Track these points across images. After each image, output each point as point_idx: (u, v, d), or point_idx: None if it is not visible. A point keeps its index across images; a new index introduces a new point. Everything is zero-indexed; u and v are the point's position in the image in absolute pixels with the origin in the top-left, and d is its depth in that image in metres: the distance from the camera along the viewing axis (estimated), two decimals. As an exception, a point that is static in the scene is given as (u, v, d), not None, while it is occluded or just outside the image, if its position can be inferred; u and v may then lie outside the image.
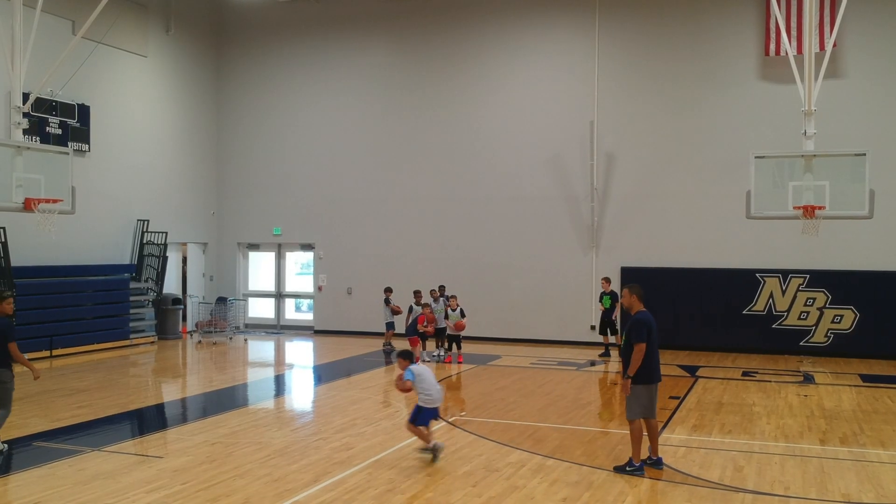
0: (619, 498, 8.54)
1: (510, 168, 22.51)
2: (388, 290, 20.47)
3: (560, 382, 16.06)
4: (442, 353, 18.81)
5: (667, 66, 21.22)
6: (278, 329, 25.26)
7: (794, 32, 15.87)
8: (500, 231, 22.61)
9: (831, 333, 19.73)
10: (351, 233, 24.26)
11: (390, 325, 20.35)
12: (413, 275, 23.01)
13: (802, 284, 19.96)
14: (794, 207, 14.31)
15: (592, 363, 18.56)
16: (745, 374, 17.09)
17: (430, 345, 19.09)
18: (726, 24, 20.76)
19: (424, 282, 21.75)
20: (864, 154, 14.20)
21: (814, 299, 19.89)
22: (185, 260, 25.29)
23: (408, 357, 10.28)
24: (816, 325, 19.84)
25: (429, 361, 17.68)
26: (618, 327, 19.37)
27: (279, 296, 25.75)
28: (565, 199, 22.02)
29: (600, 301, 19.77)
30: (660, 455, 9.56)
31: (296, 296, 25.83)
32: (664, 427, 11.70)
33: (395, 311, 20.07)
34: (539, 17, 22.44)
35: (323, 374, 17.37)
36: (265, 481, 8.98)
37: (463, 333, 18.78)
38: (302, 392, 15.23)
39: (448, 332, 18.81)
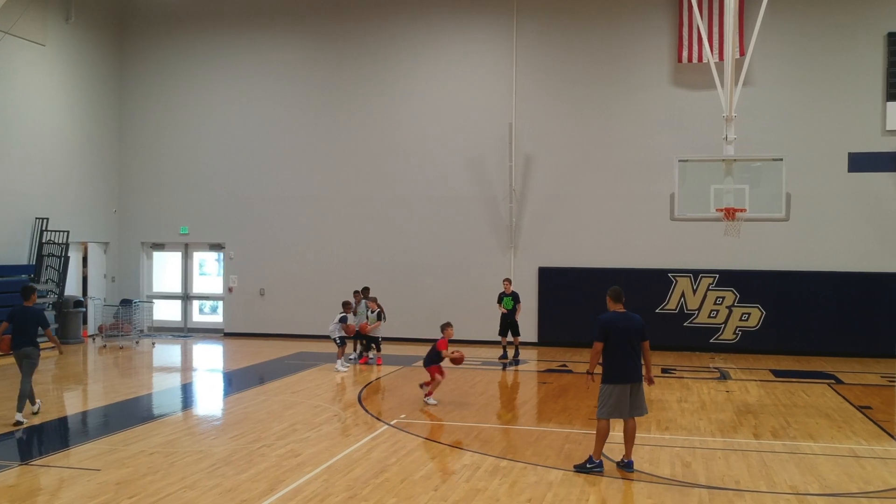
0: (582, 497, 8.59)
1: (429, 168, 22.44)
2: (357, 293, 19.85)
3: (491, 382, 16.12)
4: (355, 355, 18.52)
5: (583, 71, 21.63)
6: (185, 332, 24.37)
7: (706, 40, 16.39)
8: (418, 231, 22.52)
9: (739, 331, 20.57)
10: (264, 232, 23.65)
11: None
12: (329, 275, 22.74)
13: (712, 284, 20.73)
14: (717, 210, 14.80)
15: (505, 366, 18.46)
16: (664, 370, 17.58)
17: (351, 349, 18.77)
18: (641, 31, 21.34)
19: (341, 282, 21.56)
20: (782, 159, 14.87)
21: (723, 298, 20.69)
22: (85, 260, 24.06)
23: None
24: (725, 322, 20.65)
25: (346, 369, 17.34)
26: (520, 329, 19.52)
27: (186, 297, 24.84)
28: (484, 200, 22.13)
29: (500, 303, 19.24)
30: (632, 458, 9.63)
31: (204, 297, 24.97)
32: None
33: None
34: (458, 19, 22.49)
35: (247, 378, 16.82)
36: (217, 492, 8.59)
37: (381, 334, 18.55)
38: (230, 398, 14.67)
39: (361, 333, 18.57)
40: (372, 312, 18.47)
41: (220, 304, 24.44)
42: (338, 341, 17.55)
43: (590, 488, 8.90)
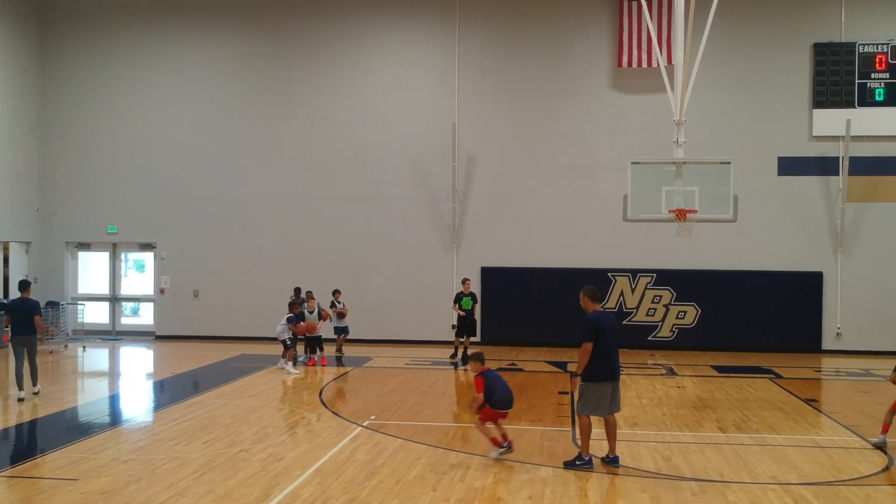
0: (580, 493, 8.72)
1: (372, 168, 22.29)
2: (336, 293, 19.50)
3: (448, 382, 16.16)
4: (304, 357, 18.26)
5: (525, 73, 21.90)
6: (114, 335, 23.47)
7: (656, 45, 16.89)
8: (361, 231, 22.34)
9: (676, 328, 21.23)
10: (198, 231, 23.00)
11: (340, 331, 19.42)
12: (268, 276, 22.34)
13: (650, 283, 21.31)
14: (669, 211, 15.21)
15: (456, 365, 18.43)
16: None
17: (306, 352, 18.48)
18: (581, 36, 21.74)
19: (280, 283, 21.24)
20: (729, 162, 15.34)
21: (660, 297, 21.31)
22: (6, 260, 22.87)
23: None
24: (663, 320, 21.27)
25: (297, 371, 17.06)
26: (477, 329, 19.65)
27: (114, 299, 23.93)
28: (427, 200, 22.13)
29: (458, 303, 18.92)
30: (617, 454, 9.80)
31: (134, 299, 24.11)
32: (574, 423, 12.07)
33: (338, 315, 19.27)
34: (400, 18, 22.43)
35: (197, 381, 16.30)
36: (211, 499, 8.34)
37: (323, 335, 18.32)
38: (187, 402, 14.15)
39: (309, 334, 18.33)
40: (311, 312, 18.26)
41: (141, 305, 23.69)
42: (287, 343, 17.26)
43: (584, 484, 9.04)
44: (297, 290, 19.48)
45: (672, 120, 15.89)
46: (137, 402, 14.63)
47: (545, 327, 21.25)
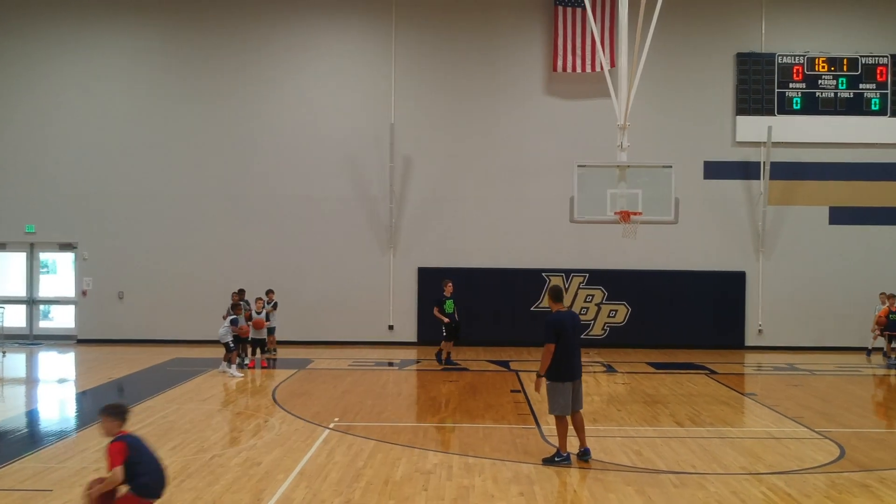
0: (568, 489, 8.92)
1: (306, 167, 22.02)
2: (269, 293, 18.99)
3: (399, 382, 16.15)
4: (246, 359, 17.93)
5: (462, 76, 22.07)
6: (31, 339, 22.38)
7: (601, 49, 17.32)
8: (294, 231, 22.04)
9: (608, 327, 21.83)
10: (123, 231, 22.18)
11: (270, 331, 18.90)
12: (198, 277, 21.82)
13: (583, 283, 21.84)
14: (615, 213, 15.64)
15: (448, 364, 18.07)
16: (552, 366, 18.32)
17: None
18: (517, 40, 22.07)
19: (211, 284, 20.84)
20: (671, 166, 15.90)
21: (592, 296, 21.86)
22: (-88, 262, 21.54)
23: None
24: (595, 319, 21.83)
25: (241, 374, 16.73)
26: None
27: (32, 302, 22.83)
28: (363, 200, 22.03)
29: (441, 307, 17.92)
30: (587, 446, 10.04)
31: (53, 301, 23.05)
32: (537, 421, 12.33)
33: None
34: (335, 16, 22.25)
35: (140, 386, 15.64)
36: (201, 506, 8.15)
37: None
38: (138, 407, 13.47)
39: (252, 336, 18.03)
40: (258, 313, 17.97)
41: (54, 308, 22.78)
42: (230, 345, 16.90)
43: (570, 480, 9.24)
44: (242, 292, 19.02)
45: (608, 124, 16.45)
46: (83, 409, 14.02)
47: (482, 327, 21.45)
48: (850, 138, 21.54)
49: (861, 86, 21.48)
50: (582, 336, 21.28)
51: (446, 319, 17.89)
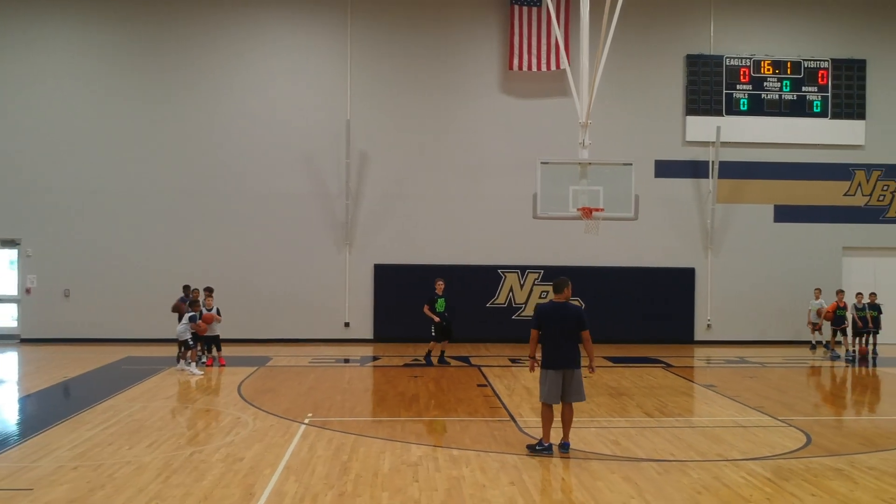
0: (555, 478, 9.04)
1: (261, 163, 21.78)
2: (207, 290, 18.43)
3: (363, 378, 16.10)
4: (203, 357, 17.62)
5: (418, 73, 22.11)
6: (-31, 339, 21.58)
7: (563, 49, 17.50)
8: (249, 228, 21.77)
9: (562, 322, 22.07)
10: (69, 227, 21.59)
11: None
12: (148, 275, 21.34)
13: (538, 279, 22.10)
14: (578, 209, 15.89)
15: (441, 364, 17.76)
16: (512, 360, 18.53)
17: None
18: (473, 38, 22.22)
19: (161, 282, 20.42)
20: (631, 164, 16.24)
21: (547, 292, 22.06)
22: None
23: None
24: (550, 315, 22.05)
25: (201, 372, 16.42)
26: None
27: (-29, 300, 22.01)
28: (319, 197, 21.87)
29: (432, 305, 17.46)
30: (568, 441, 10.15)
31: (-6, 300, 22.26)
32: (510, 413, 12.47)
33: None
34: (290, 12, 22.04)
35: (98, 385, 15.20)
36: (193, 501, 8.00)
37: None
38: (101, 406, 13.04)
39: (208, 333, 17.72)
40: (209, 310, 17.68)
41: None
42: (189, 342, 16.60)
43: (556, 469, 9.35)
44: (186, 288, 18.60)
45: (563, 122, 16.83)
46: (46, 408, 13.53)
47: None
48: (793, 139, 22.32)
49: (804, 88, 22.27)
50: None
51: (437, 318, 17.44)
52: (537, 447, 10.03)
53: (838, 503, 8.11)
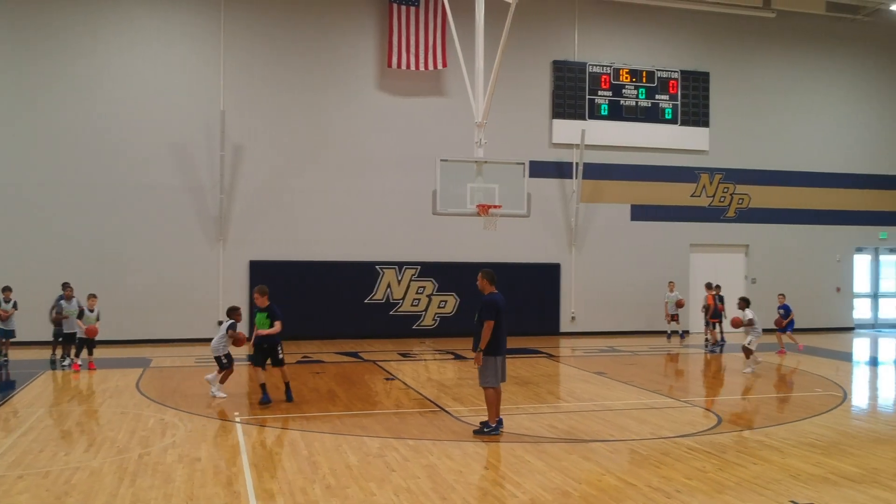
0: (521, 461, 9.36)
1: (128, 153, 20.62)
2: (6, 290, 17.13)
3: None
4: (69, 361, 16.50)
5: (295, 67, 21.76)
6: None
7: (458, 48, 17.80)
8: (114, 222, 20.54)
9: (438, 317, 22.60)
10: None
11: (6, 333, 17.12)
12: (10, 271, 19.55)
13: (415, 275, 22.43)
14: (477, 206, 16.40)
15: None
16: (402, 354, 18.76)
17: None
18: (351, 34, 22.14)
19: (21, 278, 18.82)
20: (523, 164, 16.99)
21: (424, 287, 22.52)
22: None
23: None
24: (426, 310, 22.52)
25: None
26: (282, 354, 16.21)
27: None
28: (191, 190, 21.03)
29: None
30: (500, 417, 10.74)
31: None
32: (436, 403, 12.73)
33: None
34: (161, 1, 21.03)
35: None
36: (178, 502, 7.68)
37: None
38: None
39: (79, 335, 16.66)
40: (91, 311, 16.65)
41: None
42: (224, 360, 15.58)
43: (519, 453, 9.63)
44: (66, 286, 17.28)
45: (442, 120, 17.22)
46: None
47: (317, 320, 21.39)
48: (647, 143, 24.00)
49: (657, 96, 24.02)
50: (413, 327, 22.24)
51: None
52: (486, 430, 10.41)
53: (779, 469, 9.03)
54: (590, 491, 8.16)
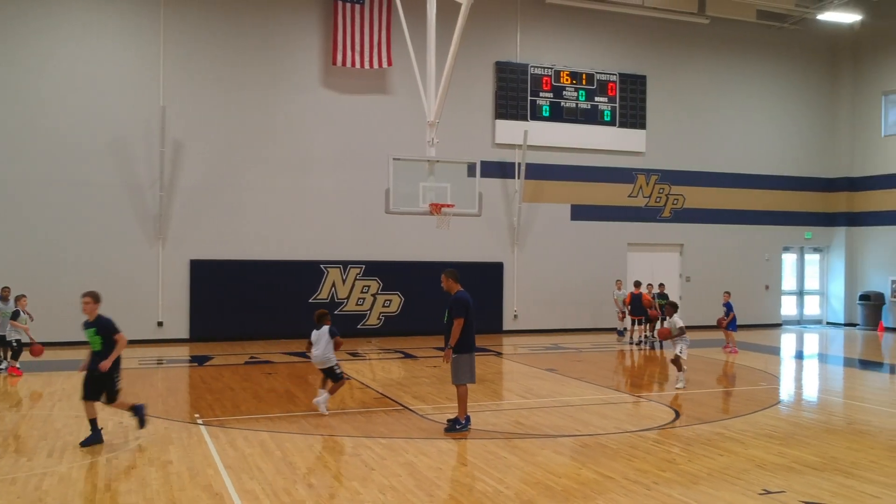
0: (497, 457, 9.45)
1: (63, 149, 19.91)
2: None
3: (218, 377, 15.43)
4: (5, 365, 15.88)
5: (238, 63, 21.38)
6: None
7: (411, 48, 17.73)
8: (46, 220, 19.80)
9: (383, 316, 22.55)
10: None
11: None
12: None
13: (359, 274, 22.34)
14: (430, 205, 16.44)
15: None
16: (352, 354, 18.66)
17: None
18: (295, 31, 21.89)
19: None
20: (476, 163, 17.14)
21: (368, 287, 22.45)
22: None
23: None
24: (371, 309, 22.45)
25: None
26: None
27: None
28: (128, 187, 20.46)
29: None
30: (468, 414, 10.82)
31: None
32: (398, 402, 12.74)
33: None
34: (97, -13, 20.38)
35: None
36: (161, 507, 7.53)
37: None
38: None
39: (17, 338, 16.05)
40: (24, 312, 16.10)
41: None
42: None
43: (494, 449, 9.72)
44: (5, 290, 16.59)
45: (389, 119, 17.52)
46: None
47: (261, 320, 21.13)
48: (587, 144, 24.45)
49: (596, 98, 24.49)
50: (358, 326, 22.15)
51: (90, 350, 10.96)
52: (457, 426, 10.49)
53: (745, 459, 9.37)
54: (571, 485, 8.31)
